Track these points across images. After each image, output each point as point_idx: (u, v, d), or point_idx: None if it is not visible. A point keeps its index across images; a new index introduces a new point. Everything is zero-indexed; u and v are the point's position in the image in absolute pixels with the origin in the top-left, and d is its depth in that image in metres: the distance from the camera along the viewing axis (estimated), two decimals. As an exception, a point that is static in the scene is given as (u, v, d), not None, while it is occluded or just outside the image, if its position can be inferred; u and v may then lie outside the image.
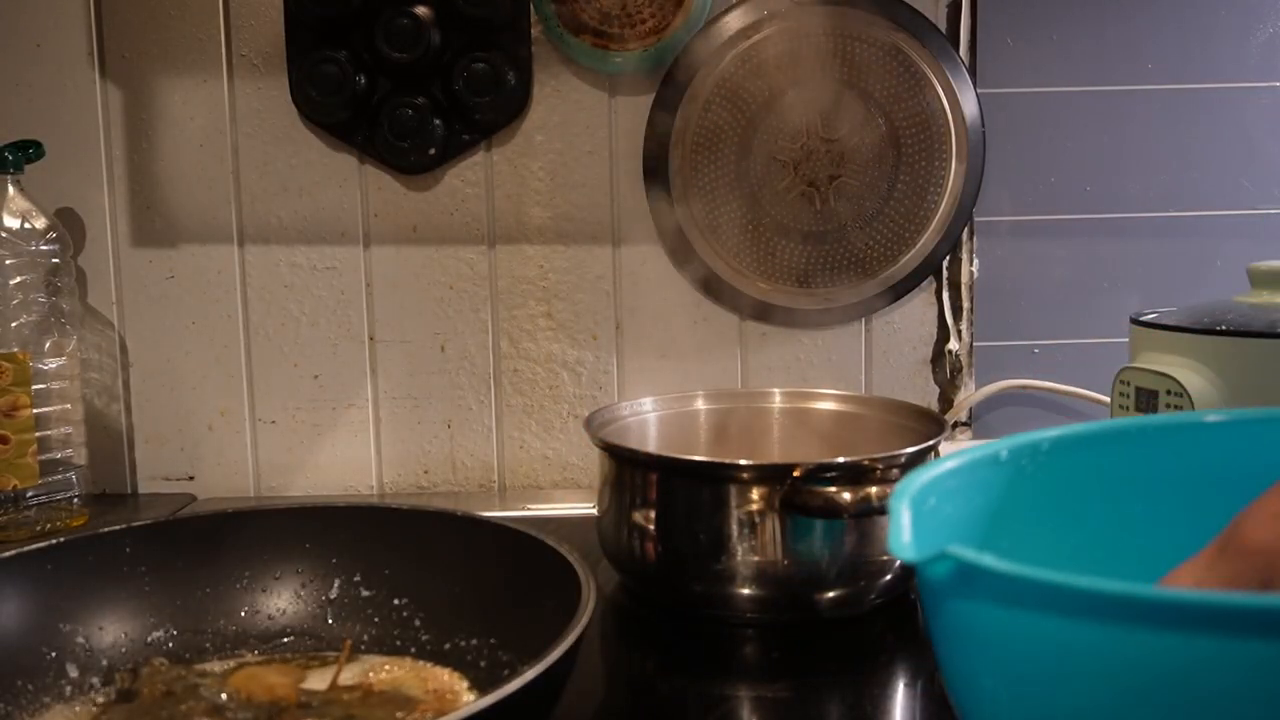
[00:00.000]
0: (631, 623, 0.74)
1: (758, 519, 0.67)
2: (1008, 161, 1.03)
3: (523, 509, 0.98)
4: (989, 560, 0.32)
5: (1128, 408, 0.76)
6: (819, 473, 0.66)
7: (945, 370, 1.05)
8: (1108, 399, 0.79)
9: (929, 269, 1.02)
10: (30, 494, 0.90)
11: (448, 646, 0.62)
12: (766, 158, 0.99)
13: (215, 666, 0.62)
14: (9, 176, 0.91)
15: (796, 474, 0.66)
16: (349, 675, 0.60)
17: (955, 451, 0.44)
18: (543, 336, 1.03)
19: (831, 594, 0.69)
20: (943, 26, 1.00)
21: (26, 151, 0.92)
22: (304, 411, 1.04)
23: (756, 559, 0.67)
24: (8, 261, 0.89)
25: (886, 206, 1.00)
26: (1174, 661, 0.29)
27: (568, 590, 0.53)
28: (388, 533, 0.67)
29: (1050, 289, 1.05)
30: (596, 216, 1.02)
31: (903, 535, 0.36)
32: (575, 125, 1.01)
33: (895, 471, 0.67)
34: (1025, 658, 0.33)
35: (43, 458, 0.91)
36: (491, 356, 1.04)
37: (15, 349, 0.89)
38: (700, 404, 0.90)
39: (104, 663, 0.60)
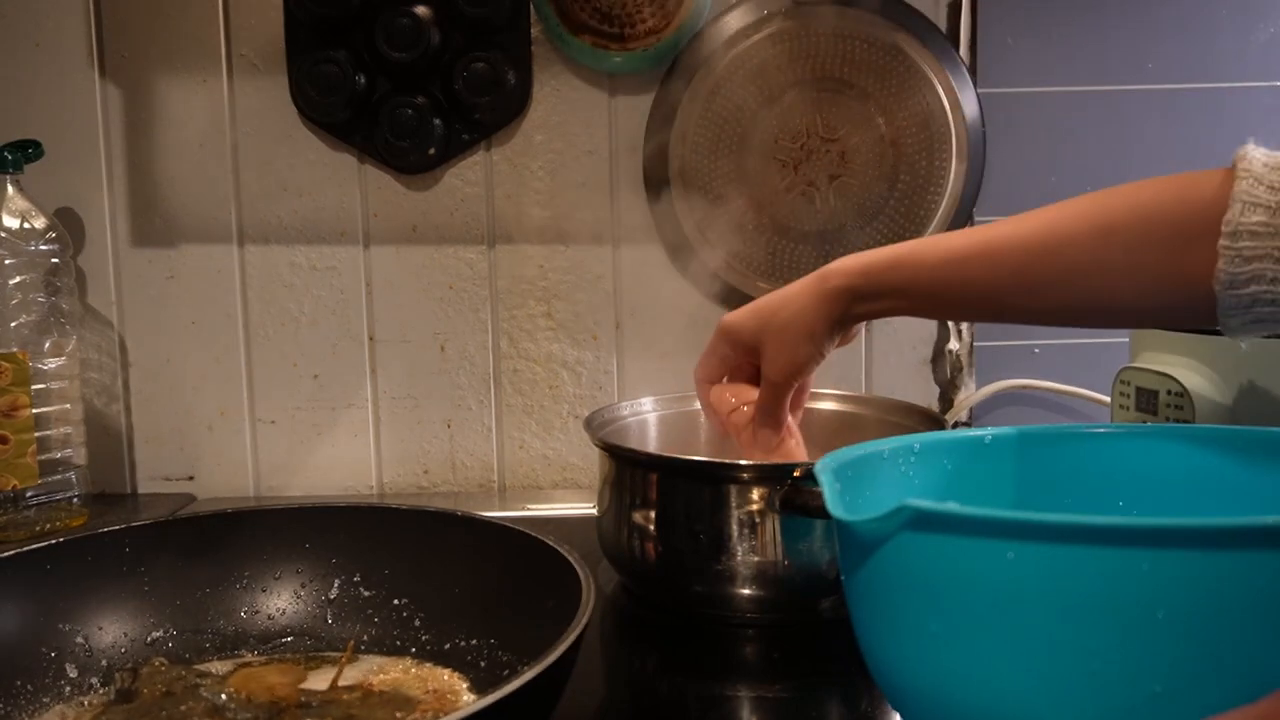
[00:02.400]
0: (631, 623, 0.74)
1: (758, 519, 0.67)
2: (1008, 161, 1.03)
3: (523, 509, 0.98)
4: (952, 506, 0.38)
5: (1128, 408, 0.76)
6: (819, 473, 0.66)
7: (945, 370, 1.05)
8: (1108, 399, 0.79)
9: (929, 269, 1.02)
10: (30, 494, 0.90)
11: (448, 647, 0.62)
12: (766, 157, 0.99)
13: (215, 666, 0.62)
14: (9, 176, 0.91)
15: (796, 474, 0.66)
16: (349, 675, 0.60)
17: (855, 446, 0.50)
18: (543, 336, 1.03)
19: (831, 594, 0.69)
20: (943, 26, 1.00)
21: (26, 151, 0.92)
22: (304, 411, 1.03)
23: (756, 559, 0.67)
24: (7, 261, 0.89)
25: (886, 206, 1.00)
26: (1114, 575, 0.35)
27: (568, 590, 0.53)
28: (388, 533, 0.67)
29: (1050, 289, 1.05)
30: (596, 216, 1.02)
31: (840, 502, 0.43)
32: (575, 125, 1.01)
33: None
34: (977, 585, 0.37)
35: (42, 458, 0.91)
36: (491, 356, 1.04)
37: (15, 349, 0.89)
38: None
39: (104, 663, 0.60)
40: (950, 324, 1.04)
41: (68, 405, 0.94)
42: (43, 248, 0.91)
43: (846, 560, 0.44)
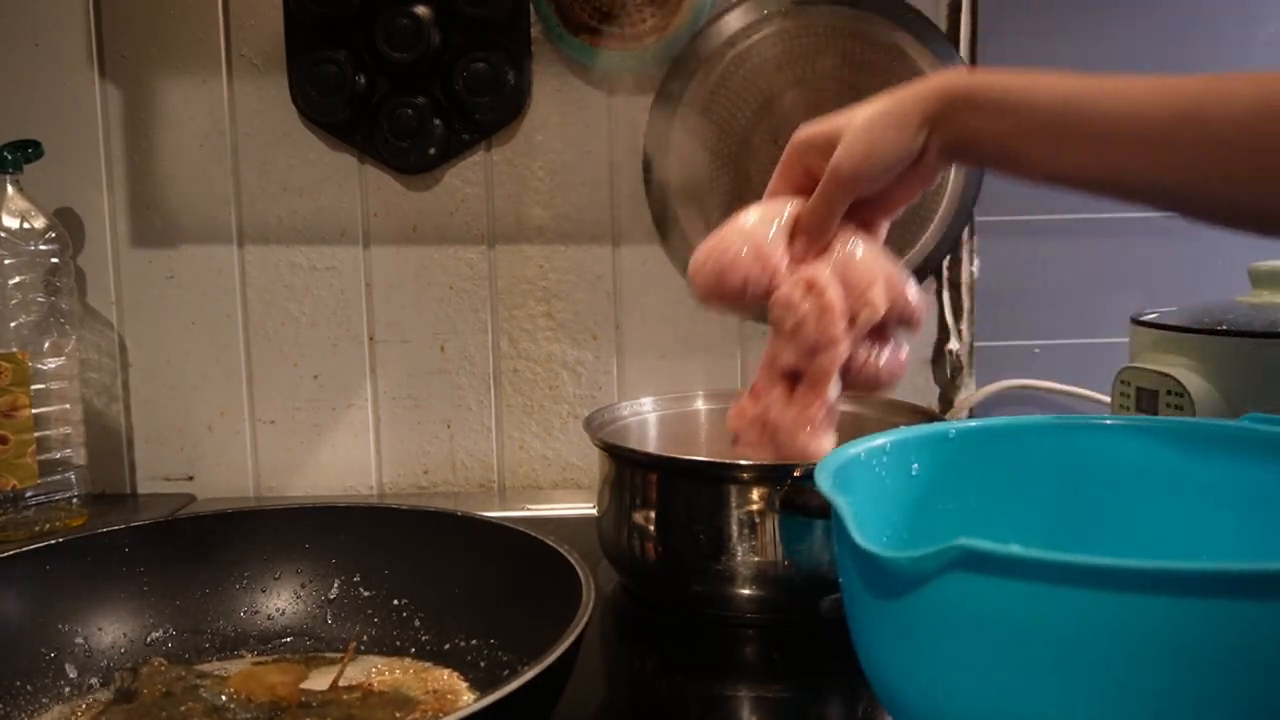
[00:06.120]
0: (631, 623, 0.74)
1: (758, 519, 0.67)
2: (1008, 161, 1.03)
3: (523, 509, 0.98)
4: (1014, 548, 0.36)
5: (1128, 408, 0.76)
6: (819, 473, 0.66)
7: (945, 370, 1.05)
8: (1108, 399, 0.79)
9: (929, 269, 1.02)
10: (30, 494, 0.90)
11: (448, 646, 0.62)
12: (767, 157, 0.99)
13: (215, 666, 0.62)
14: (8, 176, 0.91)
15: (796, 474, 0.66)
16: (349, 675, 0.60)
17: (837, 450, 0.49)
18: (543, 336, 1.03)
19: (832, 594, 0.69)
20: (943, 26, 1.00)
21: (26, 151, 0.92)
22: (304, 411, 1.03)
23: (756, 559, 0.67)
24: (7, 261, 0.89)
25: (886, 206, 1.00)
26: (1177, 620, 0.34)
27: (568, 590, 0.53)
28: (388, 533, 0.67)
29: (1050, 289, 1.05)
30: (596, 216, 1.02)
31: (861, 533, 0.40)
32: (575, 125, 1.01)
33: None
34: (1036, 627, 0.36)
35: (42, 458, 0.91)
36: (491, 356, 1.04)
37: (15, 349, 0.89)
38: (700, 404, 0.90)
39: (104, 663, 0.60)
40: (950, 324, 1.04)
41: (67, 405, 0.94)
42: (42, 248, 0.91)
43: (871, 590, 0.42)
